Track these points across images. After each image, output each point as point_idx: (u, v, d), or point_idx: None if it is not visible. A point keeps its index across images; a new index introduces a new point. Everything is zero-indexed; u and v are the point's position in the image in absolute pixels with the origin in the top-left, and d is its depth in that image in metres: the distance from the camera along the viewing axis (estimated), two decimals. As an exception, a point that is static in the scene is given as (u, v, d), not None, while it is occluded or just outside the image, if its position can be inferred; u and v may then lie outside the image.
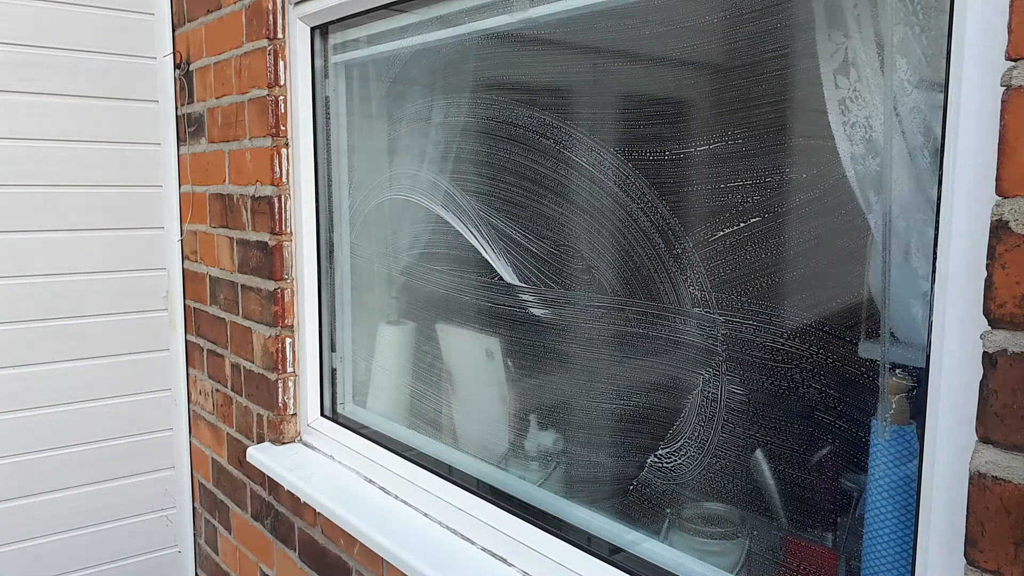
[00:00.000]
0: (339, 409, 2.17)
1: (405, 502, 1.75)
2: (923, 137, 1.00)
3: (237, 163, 2.24)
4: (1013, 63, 0.74)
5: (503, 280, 1.65)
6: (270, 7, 2.02)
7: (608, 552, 1.38)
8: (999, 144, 0.75)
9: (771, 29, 1.16)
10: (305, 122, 2.05)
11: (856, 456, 1.12)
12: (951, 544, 0.82)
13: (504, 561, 1.48)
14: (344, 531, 1.77)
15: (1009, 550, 0.76)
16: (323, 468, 1.99)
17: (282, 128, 2.06)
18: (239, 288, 2.29)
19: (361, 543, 1.71)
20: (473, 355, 1.83)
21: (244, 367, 2.30)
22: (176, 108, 2.60)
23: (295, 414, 2.17)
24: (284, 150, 2.07)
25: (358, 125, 2.07)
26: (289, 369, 2.14)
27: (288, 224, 2.09)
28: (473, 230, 1.72)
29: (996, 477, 0.76)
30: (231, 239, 2.31)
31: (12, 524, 2.50)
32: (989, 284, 0.76)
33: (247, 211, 2.20)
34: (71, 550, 2.61)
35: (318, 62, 2.04)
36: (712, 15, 1.27)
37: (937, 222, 0.84)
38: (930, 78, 0.99)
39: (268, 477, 2.13)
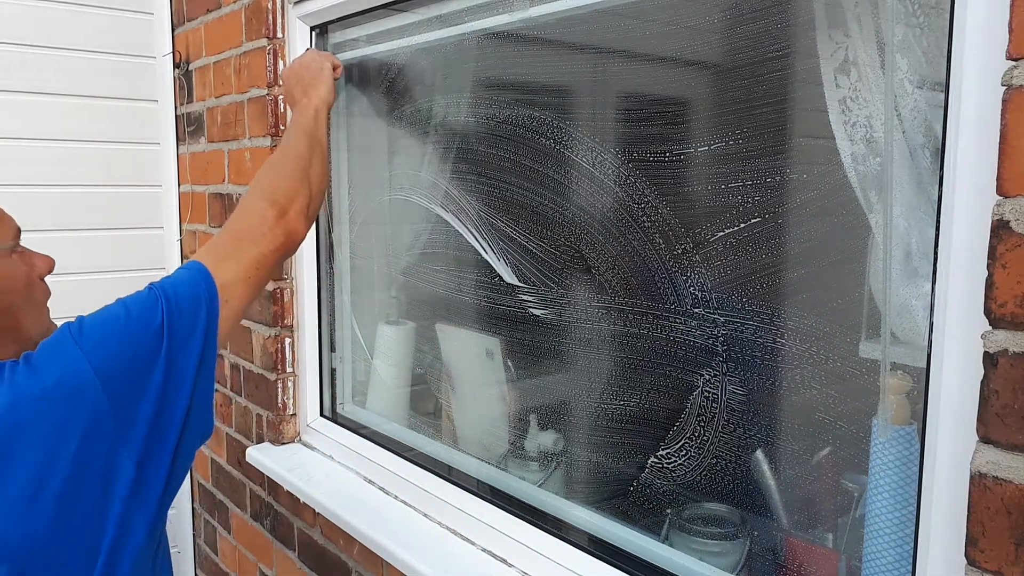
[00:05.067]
0: (339, 409, 2.16)
1: (405, 502, 1.75)
2: (923, 137, 1.00)
3: (236, 163, 2.23)
4: (1013, 63, 0.74)
5: (503, 280, 1.65)
6: (269, 7, 2.02)
7: (608, 552, 1.38)
8: (999, 144, 0.75)
9: (771, 29, 1.16)
10: (305, 122, 2.05)
11: (856, 456, 1.11)
12: (951, 544, 0.82)
13: (504, 562, 1.48)
14: (343, 531, 1.77)
15: (1010, 550, 0.76)
16: (322, 468, 1.98)
17: (281, 128, 2.06)
18: (239, 288, 2.29)
19: (361, 543, 1.71)
20: (473, 355, 1.83)
21: (243, 367, 2.30)
22: (175, 108, 2.60)
23: (294, 414, 2.17)
24: (284, 150, 2.07)
25: (358, 125, 2.07)
26: (288, 369, 2.14)
27: (288, 224, 2.09)
28: (473, 230, 1.72)
29: (997, 477, 0.76)
30: (231, 239, 2.31)
31: (11, 524, 2.49)
32: (990, 284, 0.76)
33: (247, 211, 2.20)
34: (70, 550, 2.60)
35: (318, 62, 2.04)
36: (712, 15, 1.27)
37: (937, 222, 0.83)
38: (930, 78, 0.99)
39: (267, 477, 2.12)
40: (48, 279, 1.18)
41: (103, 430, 0.96)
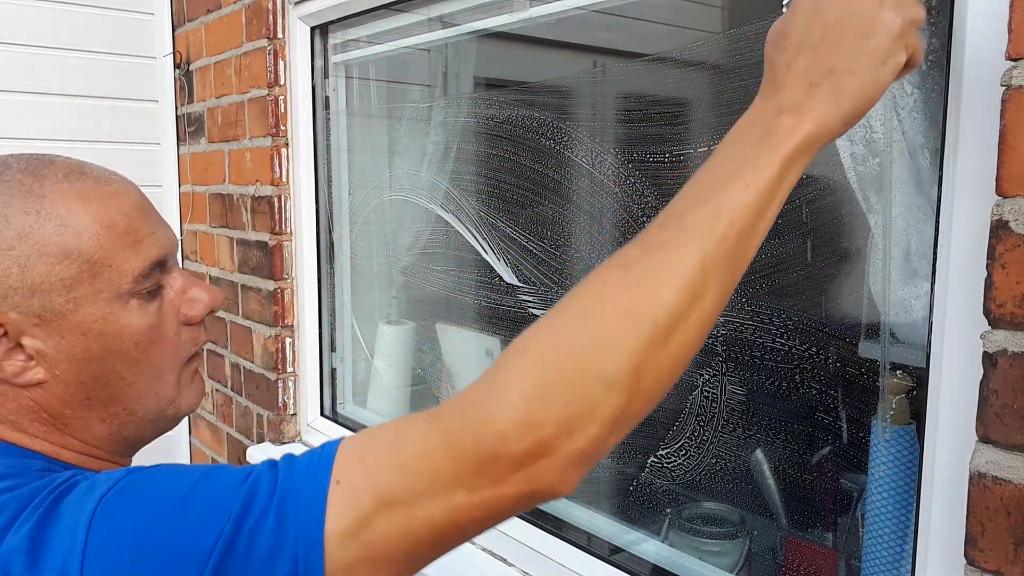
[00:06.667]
0: (339, 409, 2.17)
1: (405, 502, 1.75)
2: (923, 137, 1.00)
3: (237, 163, 2.24)
4: (1013, 63, 0.74)
5: (503, 280, 1.65)
6: (270, 7, 2.02)
7: (608, 552, 1.39)
8: (999, 144, 0.75)
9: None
10: (305, 122, 2.05)
11: (856, 456, 1.12)
12: (951, 544, 0.82)
13: (504, 561, 1.48)
14: (344, 531, 1.77)
15: (1009, 550, 0.76)
16: (323, 468, 1.98)
17: (282, 128, 2.06)
18: (239, 288, 2.29)
19: (361, 543, 1.71)
20: (473, 355, 1.83)
21: (244, 367, 2.30)
22: (176, 108, 2.60)
23: (295, 414, 2.17)
24: (284, 150, 2.07)
25: (358, 125, 2.07)
26: (289, 369, 2.15)
27: (288, 224, 2.09)
28: (473, 230, 1.72)
29: (996, 477, 0.76)
30: (231, 239, 2.31)
31: (12, 524, 2.50)
32: (989, 284, 0.76)
33: (247, 211, 2.20)
34: (71, 550, 2.60)
35: (318, 62, 2.04)
36: (712, 15, 1.27)
37: (937, 222, 0.84)
38: (930, 78, 0.99)
39: (268, 477, 2.12)
40: None
41: None
